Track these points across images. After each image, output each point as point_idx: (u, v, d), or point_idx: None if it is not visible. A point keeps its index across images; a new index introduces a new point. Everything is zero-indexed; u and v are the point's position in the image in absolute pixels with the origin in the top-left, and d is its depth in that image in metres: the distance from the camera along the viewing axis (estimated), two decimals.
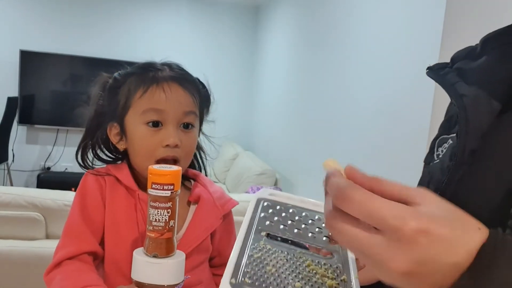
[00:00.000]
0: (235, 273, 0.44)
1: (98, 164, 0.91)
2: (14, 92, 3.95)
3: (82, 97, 0.91)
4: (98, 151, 0.90)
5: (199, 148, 0.95)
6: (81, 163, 0.89)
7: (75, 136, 4.20)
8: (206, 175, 0.98)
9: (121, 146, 0.87)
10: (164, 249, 0.61)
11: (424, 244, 0.32)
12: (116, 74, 0.89)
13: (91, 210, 0.82)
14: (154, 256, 0.61)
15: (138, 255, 0.62)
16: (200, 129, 0.92)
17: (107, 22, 4.20)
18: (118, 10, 4.23)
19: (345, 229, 0.35)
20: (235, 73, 4.45)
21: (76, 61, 4.11)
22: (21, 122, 4.05)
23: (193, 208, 0.88)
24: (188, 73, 0.89)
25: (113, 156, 0.92)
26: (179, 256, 0.63)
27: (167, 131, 0.81)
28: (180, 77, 0.85)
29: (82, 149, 0.89)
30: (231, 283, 0.42)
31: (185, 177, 0.93)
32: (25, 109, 4.03)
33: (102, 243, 0.83)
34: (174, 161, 0.82)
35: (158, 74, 0.84)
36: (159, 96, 0.82)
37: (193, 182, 0.94)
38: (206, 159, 0.98)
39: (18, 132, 4.07)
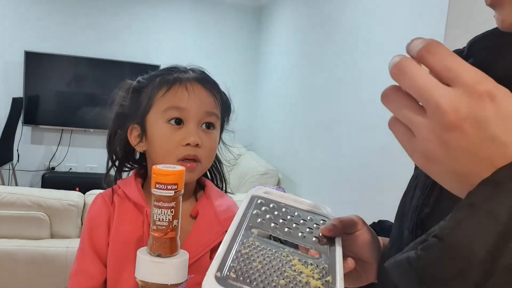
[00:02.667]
0: (221, 267, 0.44)
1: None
2: (19, 92, 3.97)
3: (107, 101, 0.91)
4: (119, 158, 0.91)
5: (216, 157, 0.92)
6: (119, 176, 0.90)
7: (79, 136, 4.22)
8: (225, 184, 0.95)
9: (140, 148, 0.86)
10: (167, 248, 0.62)
11: (488, 106, 0.32)
12: (140, 77, 0.89)
13: (95, 236, 0.83)
14: (158, 256, 0.61)
15: (142, 254, 0.62)
16: (220, 136, 0.91)
17: (111, 23, 4.22)
18: (122, 11, 4.24)
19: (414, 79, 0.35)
20: (238, 73, 4.45)
21: (80, 62, 4.13)
22: (25, 122, 4.07)
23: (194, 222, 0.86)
24: (210, 77, 0.89)
25: (130, 166, 0.92)
26: (183, 256, 0.64)
27: (188, 130, 0.80)
28: (202, 78, 0.86)
29: (112, 165, 0.90)
30: (216, 277, 0.43)
31: (200, 186, 0.91)
32: (29, 109, 4.06)
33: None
34: (195, 161, 0.81)
35: (181, 75, 0.85)
36: (181, 94, 0.82)
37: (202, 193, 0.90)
38: (223, 168, 0.96)
39: (23, 133, 4.09)
